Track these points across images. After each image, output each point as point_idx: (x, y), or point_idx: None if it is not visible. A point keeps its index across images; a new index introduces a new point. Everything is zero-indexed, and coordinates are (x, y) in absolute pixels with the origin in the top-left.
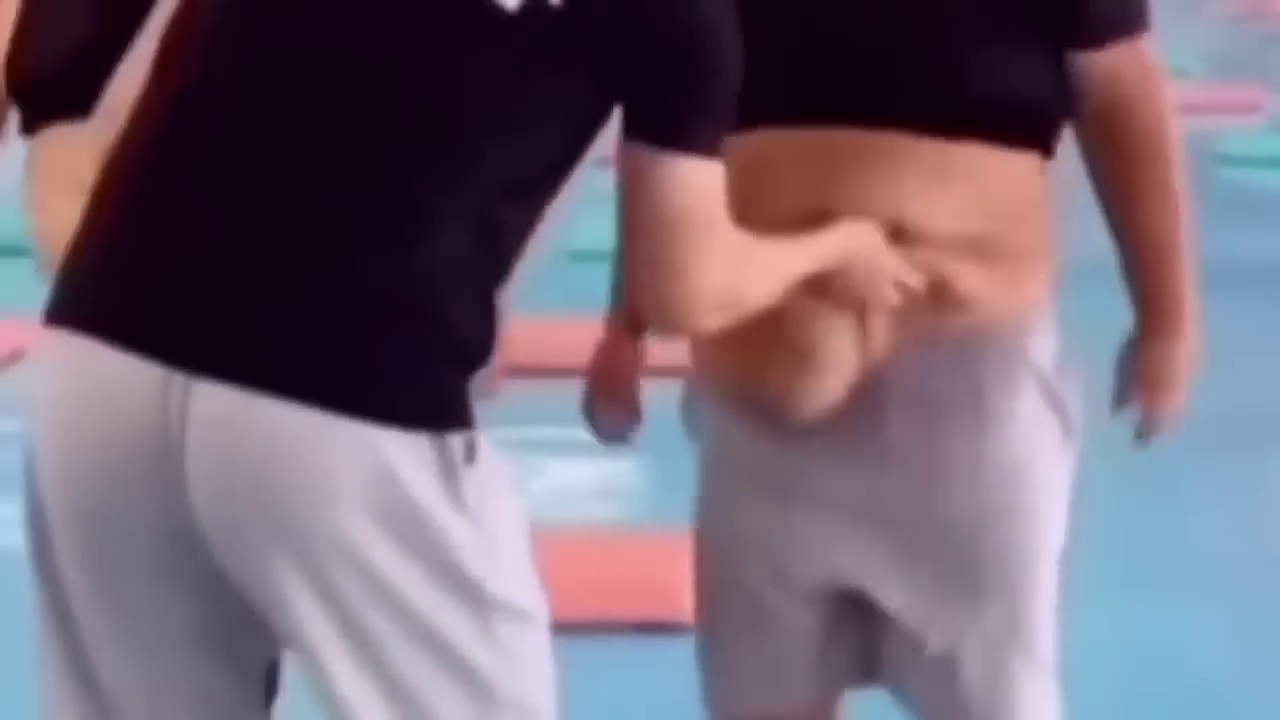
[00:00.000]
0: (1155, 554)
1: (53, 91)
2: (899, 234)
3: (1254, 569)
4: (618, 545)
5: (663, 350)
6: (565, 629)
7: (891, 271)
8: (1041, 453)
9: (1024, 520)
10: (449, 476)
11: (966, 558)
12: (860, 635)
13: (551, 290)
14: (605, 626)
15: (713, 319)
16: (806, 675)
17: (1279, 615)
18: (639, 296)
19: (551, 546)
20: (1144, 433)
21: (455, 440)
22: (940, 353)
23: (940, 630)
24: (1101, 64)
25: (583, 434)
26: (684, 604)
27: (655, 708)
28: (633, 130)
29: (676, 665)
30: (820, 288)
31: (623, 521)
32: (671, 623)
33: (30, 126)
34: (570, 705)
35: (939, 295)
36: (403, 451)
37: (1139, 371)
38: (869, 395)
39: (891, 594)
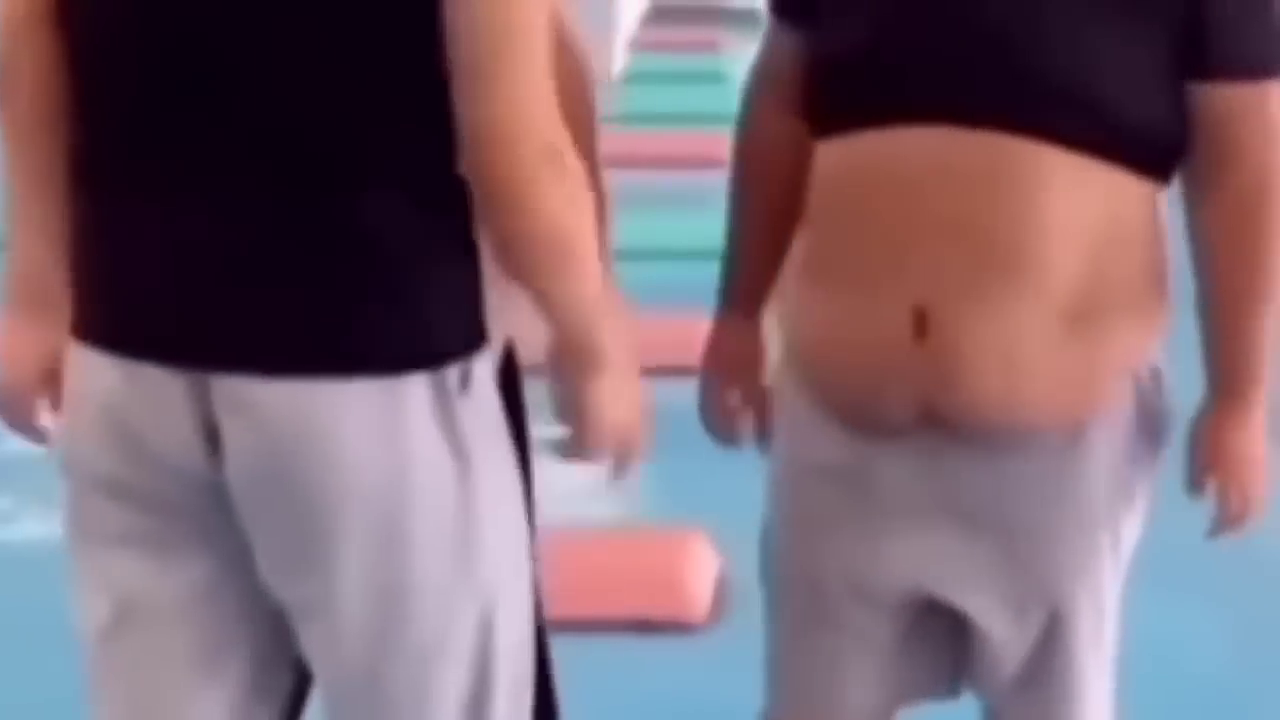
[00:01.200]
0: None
1: None
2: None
3: (1243, 569)
4: (619, 544)
5: (669, 349)
6: (567, 627)
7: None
8: (1125, 466)
9: (1101, 534)
10: (444, 408)
11: (1047, 566)
12: (934, 646)
13: None
14: (607, 625)
15: (539, 164)
16: (873, 686)
17: (1269, 615)
18: (464, 116)
19: (553, 545)
20: (1222, 524)
21: (451, 372)
22: None
23: (1022, 634)
24: (1220, 101)
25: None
26: (685, 603)
27: (656, 706)
28: None
29: (677, 664)
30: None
31: (624, 520)
32: (672, 621)
33: None
34: (571, 703)
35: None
36: (400, 396)
37: (1211, 448)
38: None
39: (975, 599)
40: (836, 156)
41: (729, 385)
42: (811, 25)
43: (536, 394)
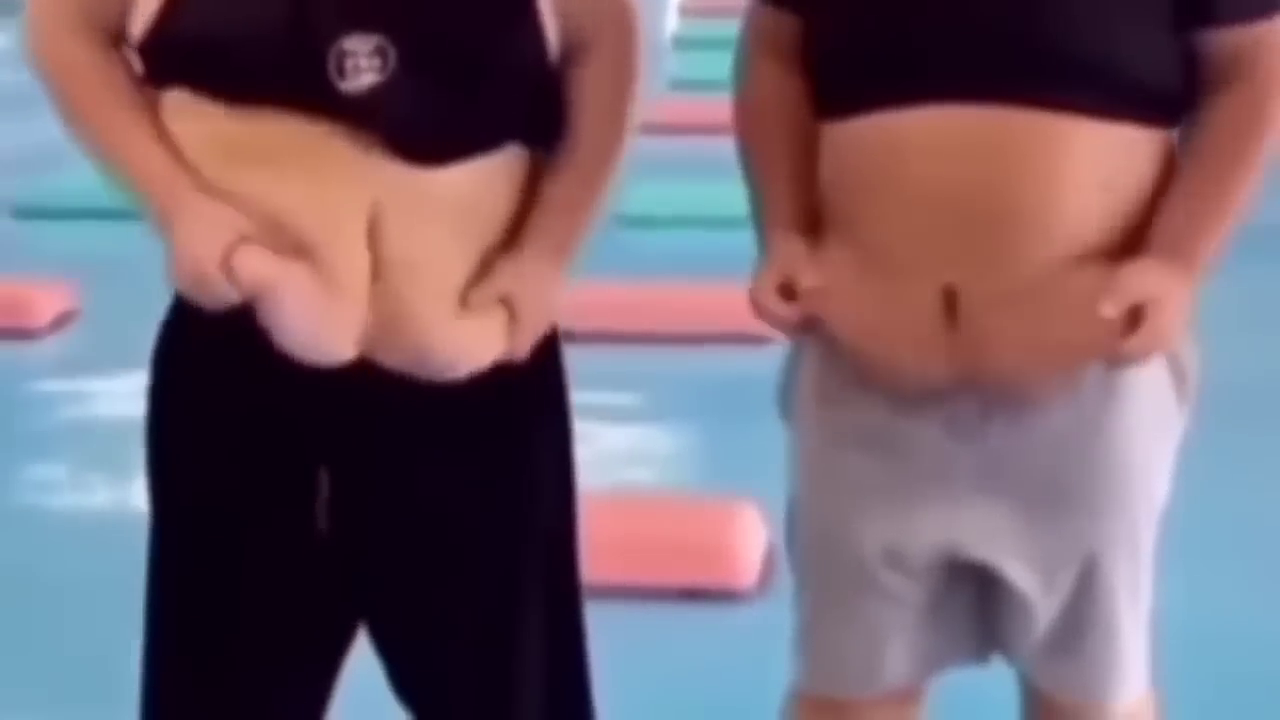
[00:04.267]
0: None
1: None
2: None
3: None
4: (669, 511)
5: (721, 316)
6: (615, 593)
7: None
8: (1156, 419)
9: (1135, 486)
10: None
11: (1082, 522)
12: (964, 611)
13: (600, 256)
14: (655, 592)
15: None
16: (906, 654)
17: None
18: None
19: (602, 510)
20: (1113, 360)
21: None
22: None
23: (1056, 592)
24: (1232, 42)
25: (630, 399)
26: (734, 572)
27: (702, 675)
28: None
29: (724, 633)
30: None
31: (674, 489)
32: (721, 590)
33: None
34: (617, 669)
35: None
36: None
37: (1121, 288)
38: None
39: (1009, 560)
40: (849, 139)
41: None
42: (795, 9)
43: (585, 359)
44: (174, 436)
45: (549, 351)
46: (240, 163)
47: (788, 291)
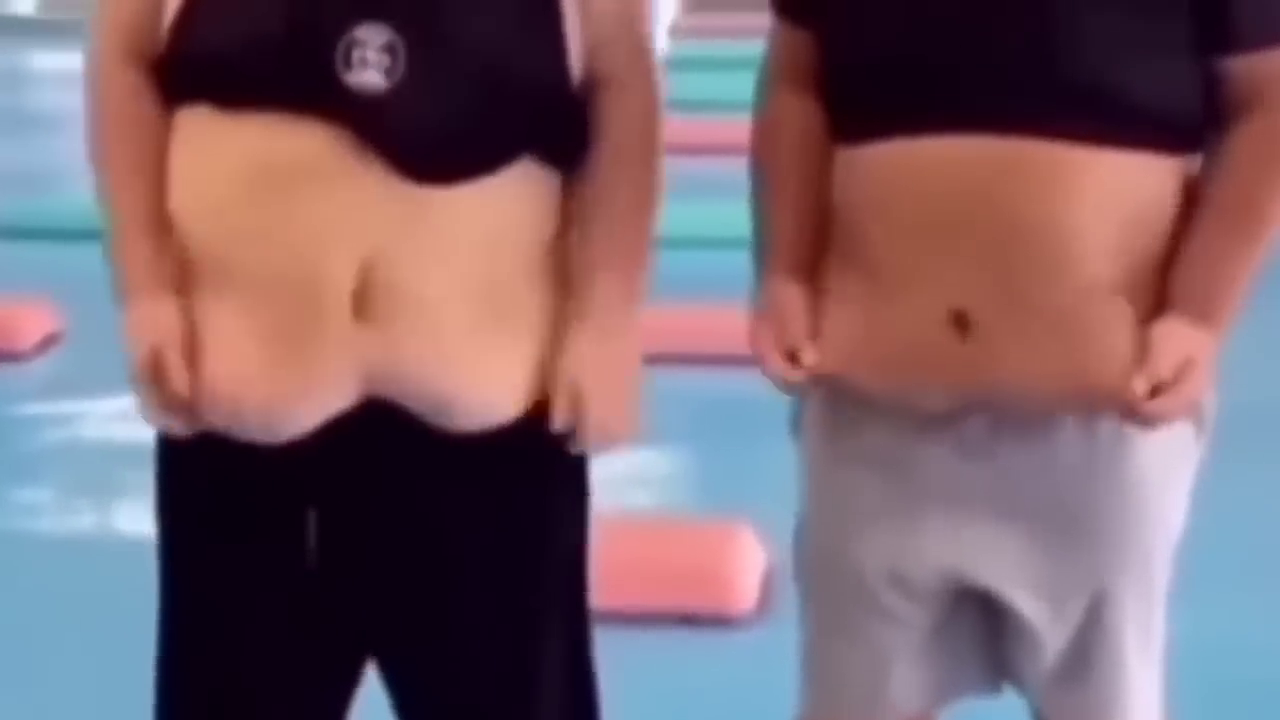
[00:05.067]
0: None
1: None
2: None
3: None
4: (664, 535)
5: (717, 338)
6: (610, 618)
7: None
8: (1173, 452)
9: (1150, 520)
10: None
11: (1093, 553)
12: (972, 639)
13: None
14: (651, 617)
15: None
16: (912, 681)
17: None
18: None
19: (596, 534)
20: (1141, 418)
21: None
22: None
23: (1064, 621)
24: (1252, 69)
25: None
26: (731, 596)
27: (700, 701)
28: None
29: (722, 658)
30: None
31: (670, 511)
32: (717, 615)
33: None
34: (614, 697)
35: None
36: None
37: (1154, 361)
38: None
39: (1015, 588)
40: (863, 163)
41: (781, 332)
42: (815, 27)
43: None
44: (177, 476)
45: None
46: (247, 189)
47: (793, 356)
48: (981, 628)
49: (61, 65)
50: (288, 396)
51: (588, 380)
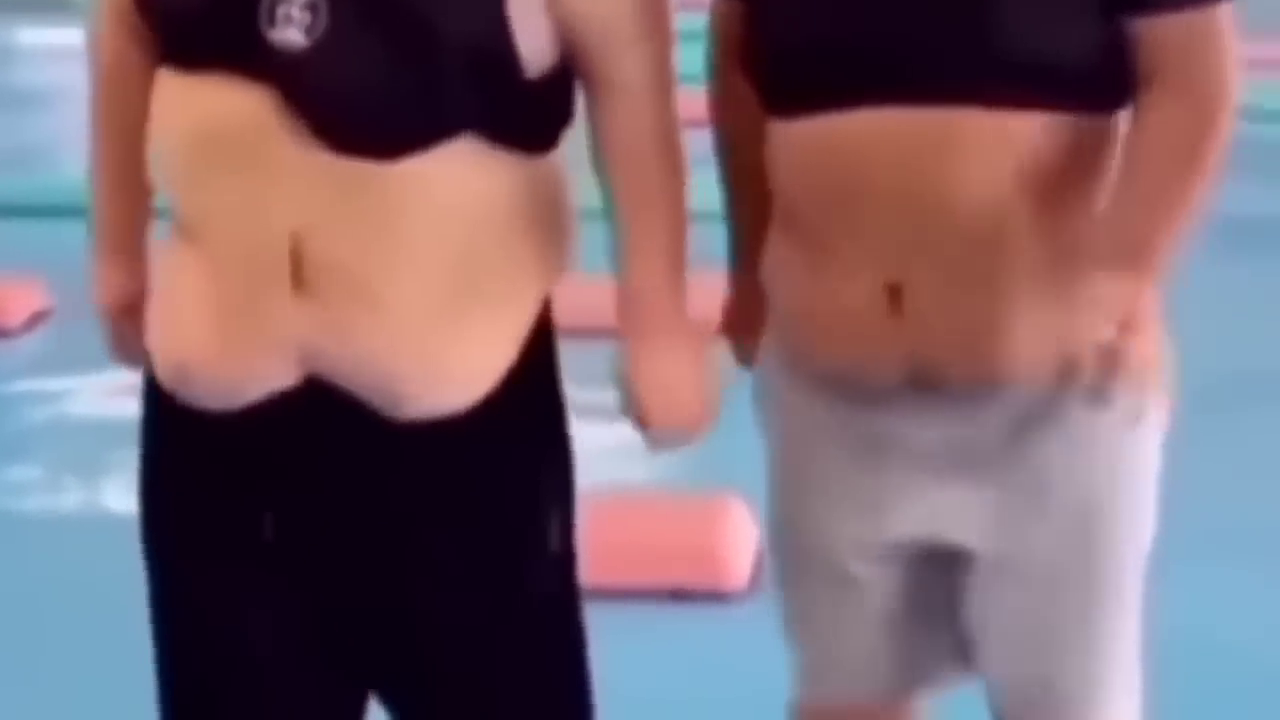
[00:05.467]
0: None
1: None
2: (994, 232)
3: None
4: (656, 510)
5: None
6: (601, 594)
7: None
8: (1128, 409)
9: (1119, 472)
10: None
11: (1059, 522)
12: (945, 609)
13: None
14: (642, 593)
15: None
16: (886, 652)
17: None
18: None
19: (587, 510)
20: (1101, 382)
21: None
22: None
23: (1029, 582)
24: (1169, 30)
25: (612, 396)
26: (723, 571)
27: (692, 676)
28: None
29: (714, 633)
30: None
31: (661, 486)
32: (709, 590)
33: None
34: (606, 672)
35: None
36: None
37: (1106, 305)
38: None
39: (981, 543)
40: (793, 139)
41: (742, 339)
42: (748, 1)
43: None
44: (151, 476)
45: (540, 354)
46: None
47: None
48: (950, 596)
49: (52, 42)
50: (230, 362)
51: (656, 398)
